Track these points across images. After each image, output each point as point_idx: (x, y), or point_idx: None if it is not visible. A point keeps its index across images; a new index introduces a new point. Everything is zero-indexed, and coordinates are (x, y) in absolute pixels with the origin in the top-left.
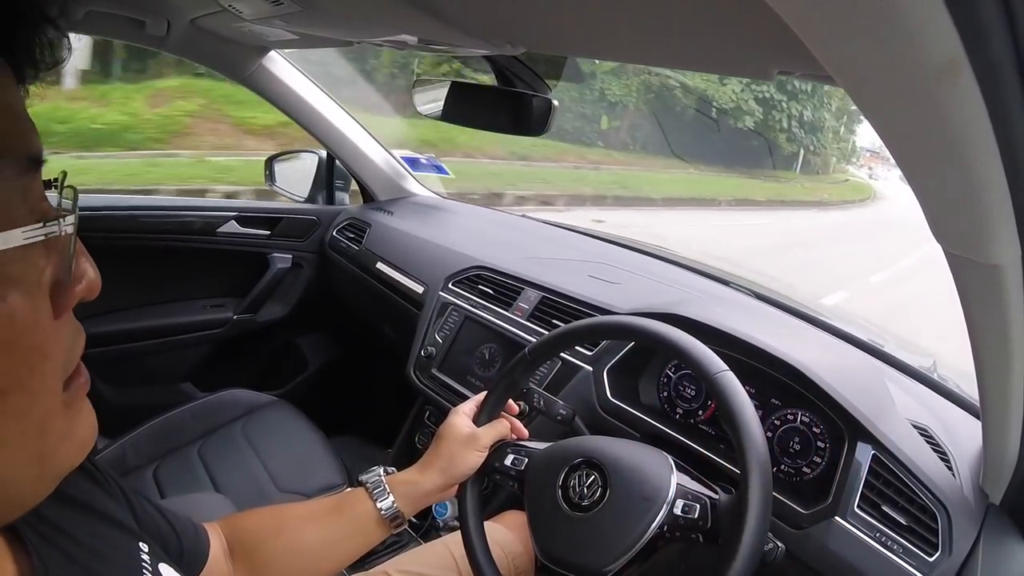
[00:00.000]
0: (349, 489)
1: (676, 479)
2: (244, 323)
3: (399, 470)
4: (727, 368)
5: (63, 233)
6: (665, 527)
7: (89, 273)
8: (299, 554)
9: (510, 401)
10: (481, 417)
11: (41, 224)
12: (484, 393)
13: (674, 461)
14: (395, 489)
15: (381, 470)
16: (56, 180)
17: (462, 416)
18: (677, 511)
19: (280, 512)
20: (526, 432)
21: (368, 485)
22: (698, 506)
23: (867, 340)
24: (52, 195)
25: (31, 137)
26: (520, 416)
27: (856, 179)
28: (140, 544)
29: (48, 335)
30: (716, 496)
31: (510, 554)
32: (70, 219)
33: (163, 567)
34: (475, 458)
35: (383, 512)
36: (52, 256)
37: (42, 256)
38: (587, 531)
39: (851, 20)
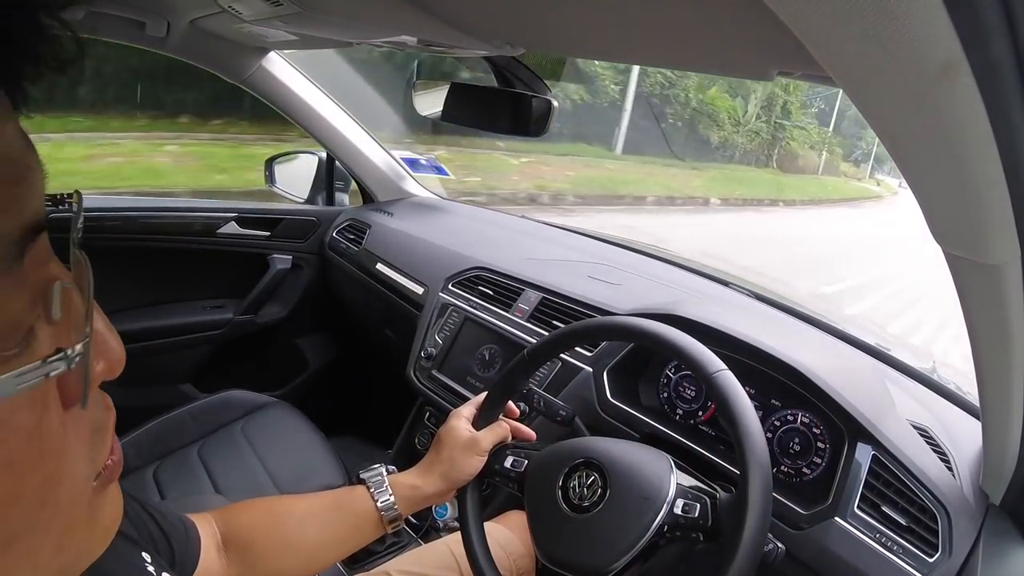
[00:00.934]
0: (349, 486)
1: (676, 478)
2: (244, 324)
3: (399, 470)
4: (725, 367)
5: (72, 359)
6: (665, 526)
7: (111, 348)
8: (296, 550)
9: (511, 404)
10: (480, 420)
11: (40, 362)
12: (483, 395)
13: (674, 461)
14: (396, 491)
15: (383, 469)
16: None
17: (462, 420)
18: (677, 510)
19: (278, 506)
20: (532, 434)
21: (369, 484)
22: (698, 505)
23: (866, 340)
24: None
25: (27, 196)
26: (520, 417)
27: (858, 183)
28: (143, 554)
29: (57, 452)
30: (716, 494)
31: (512, 555)
32: (80, 343)
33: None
34: (476, 463)
35: (383, 513)
36: (59, 341)
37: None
38: (587, 532)
39: (850, 21)
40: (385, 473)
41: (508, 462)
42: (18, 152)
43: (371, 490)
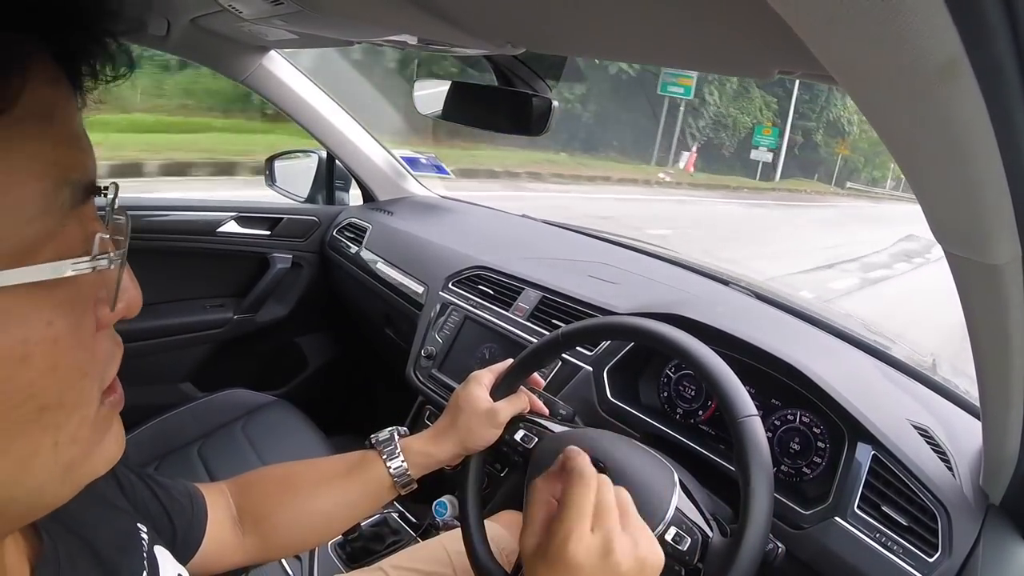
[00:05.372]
0: (362, 451)
1: (676, 502)
2: (244, 323)
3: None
4: (756, 413)
5: (111, 265)
6: None
7: (131, 292)
8: (311, 518)
9: (535, 375)
10: (500, 390)
11: (90, 257)
12: (505, 363)
13: (679, 478)
14: (409, 458)
15: (395, 433)
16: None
17: (481, 387)
18: (668, 537)
19: (292, 475)
20: (545, 409)
21: (382, 452)
22: (689, 540)
23: (867, 340)
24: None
25: (88, 163)
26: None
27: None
28: (139, 525)
29: (89, 353)
30: (710, 535)
31: (505, 551)
32: (118, 251)
33: (158, 549)
34: (493, 434)
35: (395, 478)
36: (100, 277)
37: (90, 279)
38: None
39: (851, 20)
40: (397, 438)
41: (519, 435)
42: (79, 128)
43: (384, 457)
